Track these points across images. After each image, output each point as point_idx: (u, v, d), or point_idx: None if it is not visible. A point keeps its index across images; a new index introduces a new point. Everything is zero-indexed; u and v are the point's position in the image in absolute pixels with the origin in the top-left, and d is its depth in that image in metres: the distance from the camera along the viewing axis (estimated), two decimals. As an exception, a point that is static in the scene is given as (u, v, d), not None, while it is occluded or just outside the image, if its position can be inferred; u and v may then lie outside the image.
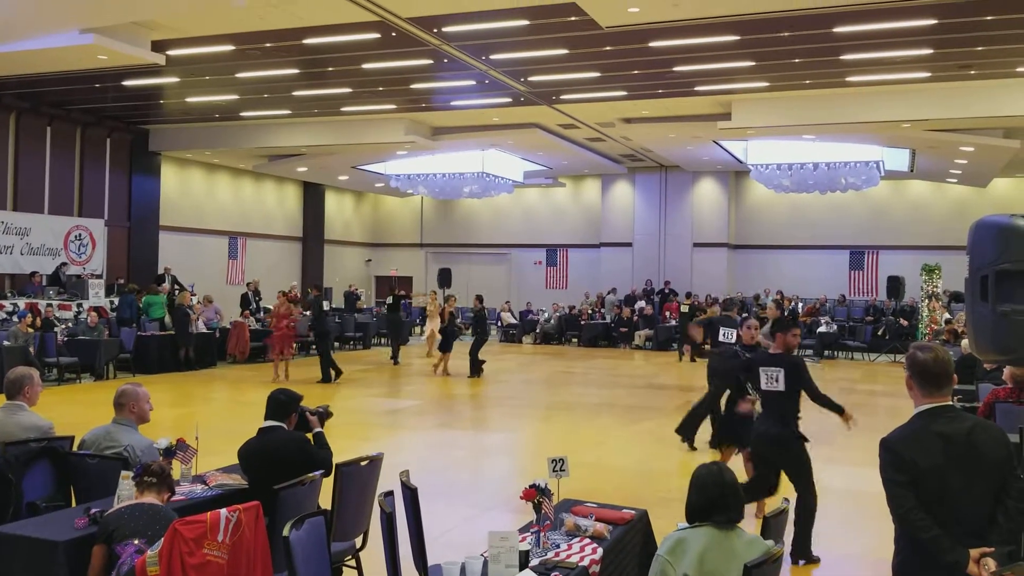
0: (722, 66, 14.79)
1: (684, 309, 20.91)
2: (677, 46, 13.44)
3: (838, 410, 6.04)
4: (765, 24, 12.18)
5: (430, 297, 21.03)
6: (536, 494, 4.03)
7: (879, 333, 22.13)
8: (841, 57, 14.02)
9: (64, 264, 18.93)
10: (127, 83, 16.55)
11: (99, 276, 19.57)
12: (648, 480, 8.37)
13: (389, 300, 20.49)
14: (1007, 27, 12.09)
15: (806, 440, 6.04)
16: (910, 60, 14.08)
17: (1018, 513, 3.15)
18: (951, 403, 3.27)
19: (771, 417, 6.10)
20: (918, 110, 16.13)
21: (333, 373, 15.29)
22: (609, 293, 26.43)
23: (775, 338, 6.25)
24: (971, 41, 12.95)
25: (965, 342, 10.97)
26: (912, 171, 22.76)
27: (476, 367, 16.59)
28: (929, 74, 14.94)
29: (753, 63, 14.53)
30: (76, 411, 11.18)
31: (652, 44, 13.34)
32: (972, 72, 14.74)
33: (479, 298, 17.72)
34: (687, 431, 9.73)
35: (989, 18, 11.69)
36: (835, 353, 22.21)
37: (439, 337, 17.69)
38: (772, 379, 6.02)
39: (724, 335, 9.48)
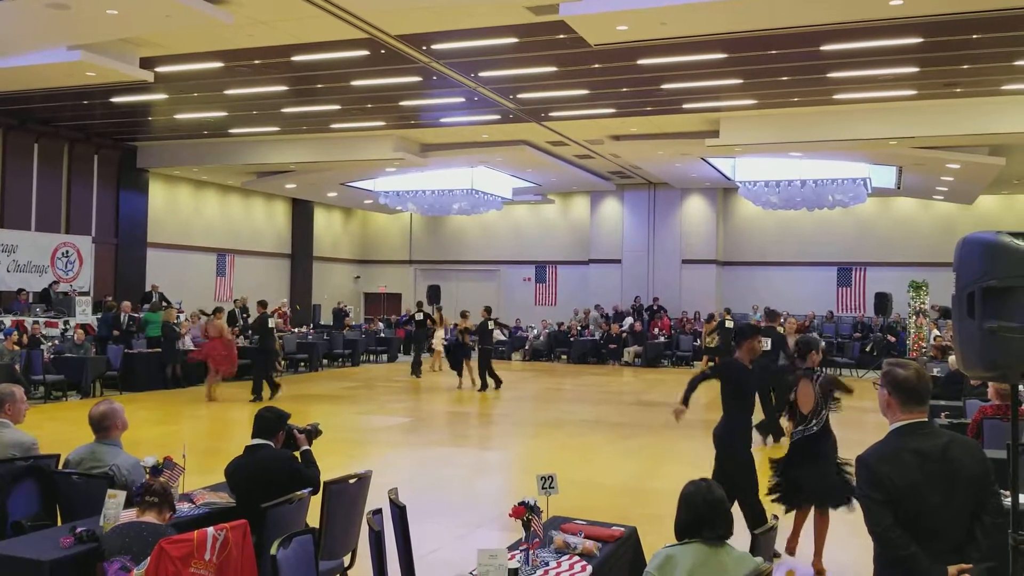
0: (710, 84, 14.89)
1: (729, 325, 20.36)
2: (665, 64, 13.53)
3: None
4: (753, 42, 12.28)
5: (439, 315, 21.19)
6: (525, 512, 4.02)
7: (867, 349, 22.19)
8: (828, 75, 14.13)
9: (55, 283, 18.82)
10: (115, 100, 16.54)
11: (86, 293, 19.47)
12: (637, 497, 8.35)
13: (419, 316, 20.68)
14: (992, 45, 12.22)
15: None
16: (897, 78, 14.21)
17: (996, 529, 3.16)
18: (927, 419, 3.28)
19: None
20: (905, 128, 16.26)
21: (269, 391, 15.11)
22: (594, 310, 26.44)
23: (741, 346, 6.28)
24: (957, 59, 13.08)
25: (952, 358, 11.00)
26: (899, 188, 22.93)
27: (484, 380, 17.00)
28: (915, 92, 15.08)
29: (741, 81, 14.64)
30: (63, 429, 11.08)
31: (640, 62, 13.42)
32: (958, 90, 14.88)
33: (487, 309, 18.16)
34: (773, 430, 10.25)
35: (975, 36, 11.82)
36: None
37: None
38: None
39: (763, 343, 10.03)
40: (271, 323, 15.69)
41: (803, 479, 6.02)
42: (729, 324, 20.27)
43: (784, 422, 6.26)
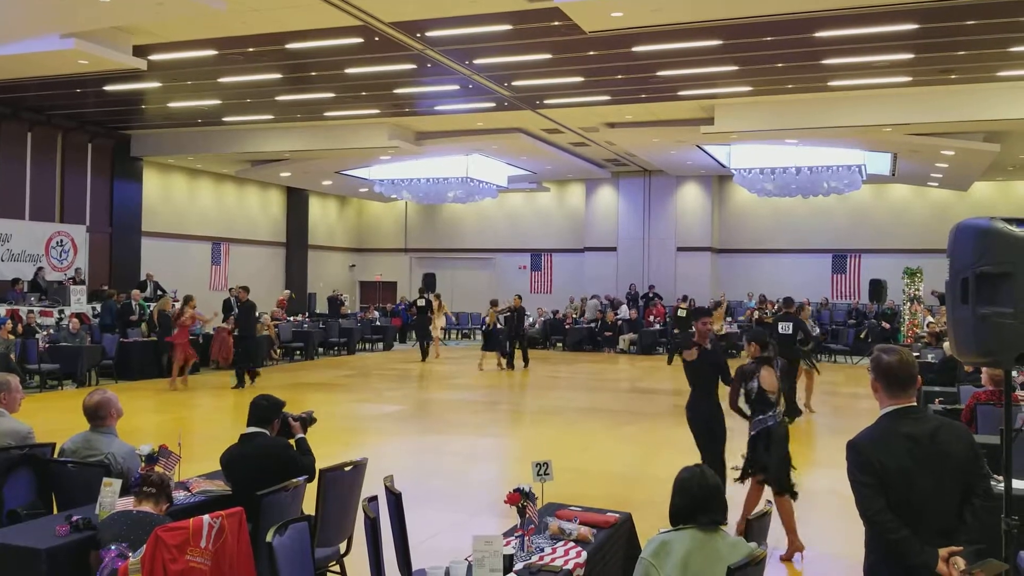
0: (705, 71, 14.86)
1: (681, 313, 20.73)
2: (660, 51, 13.49)
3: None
4: (748, 29, 12.25)
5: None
6: (520, 498, 4.03)
7: (861, 336, 22.21)
8: (823, 62, 14.11)
9: (41, 268, 18.76)
10: (108, 88, 16.45)
11: (81, 282, 19.43)
12: (632, 484, 8.38)
13: (421, 302, 21.45)
14: (987, 32, 12.20)
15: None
16: (891, 65, 14.19)
17: (985, 512, 3.19)
18: (916, 404, 3.32)
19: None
20: (899, 114, 16.25)
21: (248, 378, 15.18)
22: (592, 298, 26.46)
23: (693, 327, 7.04)
24: (952, 46, 13.06)
25: (947, 344, 11.04)
26: (894, 175, 22.93)
27: (512, 360, 19.02)
28: (910, 78, 15.06)
29: (736, 68, 14.60)
30: (58, 418, 11.07)
31: (635, 49, 13.38)
32: (953, 76, 14.87)
33: (518, 297, 20.09)
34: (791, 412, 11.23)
35: (970, 23, 11.79)
36: (818, 356, 22.25)
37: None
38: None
39: (782, 328, 12.21)
40: (256, 312, 15.69)
41: (769, 463, 6.28)
42: (681, 313, 20.66)
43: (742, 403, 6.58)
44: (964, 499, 3.21)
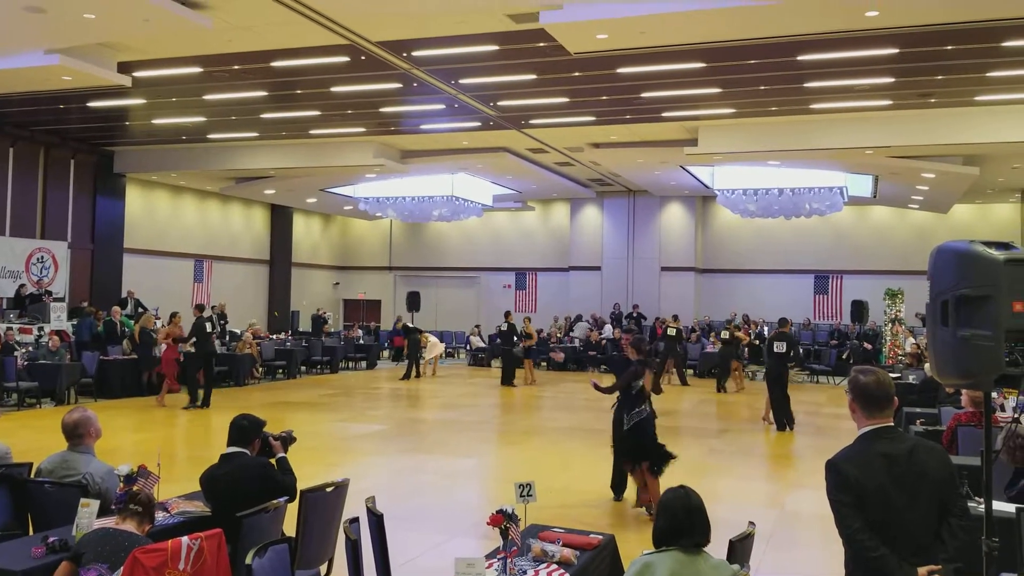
0: (689, 92, 14.98)
1: (671, 332, 20.76)
2: (645, 72, 13.59)
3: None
4: (731, 52, 12.37)
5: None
6: (503, 520, 4.01)
7: (843, 357, 22.35)
8: (805, 85, 14.26)
9: (23, 285, 18.59)
10: (92, 104, 16.40)
11: (61, 299, 19.26)
12: (615, 505, 8.35)
13: (410, 323, 22.15)
14: (966, 57, 12.38)
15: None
16: (872, 88, 14.35)
17: (961, 530, 3.22)
18: (892, 424, 3.36)
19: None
20: (880, 137, 16.43)
21: (200, 395, 14.83)
22: (580, 320, 26.49)
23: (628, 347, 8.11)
24: (932, 70, 13.24)
25: (928, 365, 11.10)
26: (875, 197, 23.15)
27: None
28: (891, 102, 15.24)
29: (719, 90, 14.74)
30: (36, 436, 10.95)
31: (620, 70, 13.48)
32: (933, 100, 15.06)
33: (507, 314, 20.27)
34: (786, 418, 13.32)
35: (949, 48, 11.96)
36: (800, 376, 22.38)
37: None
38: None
39: (777, 347, 13.40)
40: (208, 327, 15.49)
41: (640, 446, 7.75)
42: (671, 331, 20.80)
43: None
44: (941, 518, 3.25)
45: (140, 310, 19.77)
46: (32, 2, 10.23)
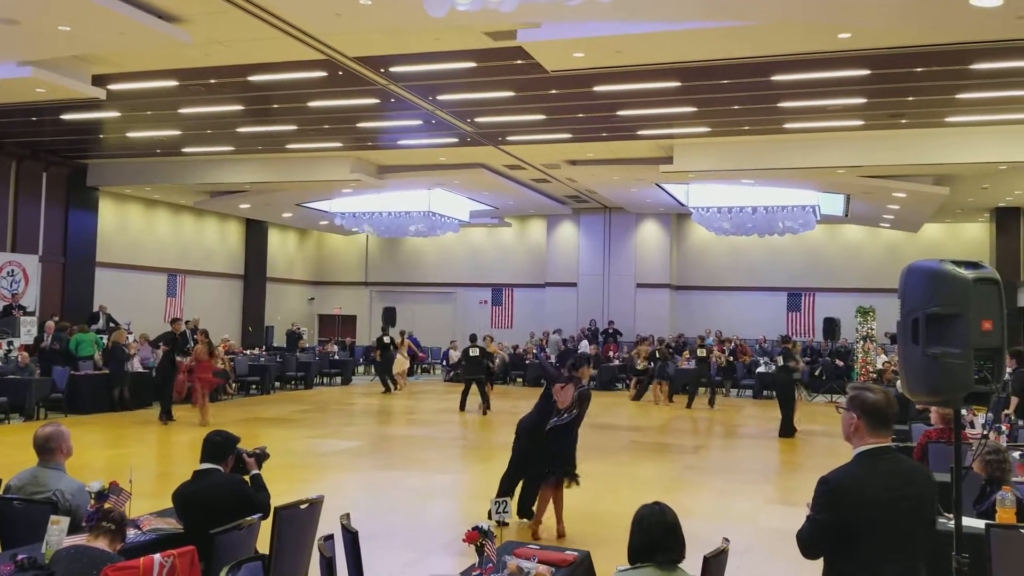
0: (664, 111, 15.13)
1: (701, 353, 20.20)
2: (621, 91, 13.71)
3: None
4: (706, 72, 12.52)
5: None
6: (479, 536, 4.01)
7: (816, 374, 22.52)
8: (779, 105, 14.44)
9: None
10: (66, 117, 16.27)
11: (31, 313, 19.01)
12: (591, 521, 8.35)
13: (386, 340, 22.03)
14: (936, 79, 12.61)
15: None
16: (845, 109, 14.57)
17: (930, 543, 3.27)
18: (890, 444, 3.34)
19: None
20: (852, 157, 16.66)
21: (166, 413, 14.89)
22: (555, 332, 26.53)
23: (579, 370, 8.26)
24: (902, 92, 13.46)
25: (899, 382, 11.23)
26: (847, 216, 23.44)
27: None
28: (863, 122, 15.47)
29: (694, 109, 14.89)
30: (5, 453, 10.78)
31: (596, 88, 13.59)
32: (903, 121, 15.30)
33: (472, 337, 18.62)
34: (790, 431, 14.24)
35: (919, 70, 12.18)
36: (772, 393, 22.46)
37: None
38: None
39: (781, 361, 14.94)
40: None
41: (557, 451, 7.86)
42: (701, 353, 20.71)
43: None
44: (927, 537, 3.27)
45: (111, 325, 19.55)
46: (6, 13, 10.15)
